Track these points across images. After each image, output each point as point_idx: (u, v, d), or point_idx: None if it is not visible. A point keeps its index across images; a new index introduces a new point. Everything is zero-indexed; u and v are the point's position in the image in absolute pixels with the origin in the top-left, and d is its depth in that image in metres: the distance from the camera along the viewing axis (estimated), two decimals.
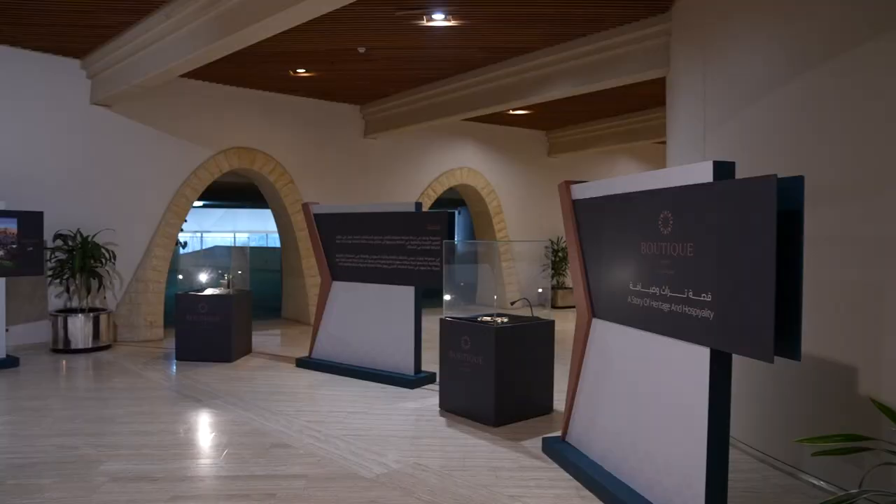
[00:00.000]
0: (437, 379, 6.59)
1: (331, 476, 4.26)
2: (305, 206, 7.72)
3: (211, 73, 9.08)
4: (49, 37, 7.95)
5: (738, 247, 2.99)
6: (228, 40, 6.39)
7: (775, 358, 2.85)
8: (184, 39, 6.93)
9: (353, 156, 11.73)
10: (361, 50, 8.16)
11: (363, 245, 7.20)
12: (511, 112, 11.75)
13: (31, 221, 7.73)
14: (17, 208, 7.81)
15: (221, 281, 8.23)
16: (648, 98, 10.63)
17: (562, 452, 4.54)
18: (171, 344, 8.86)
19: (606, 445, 4.15)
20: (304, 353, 8.02)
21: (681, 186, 3.41)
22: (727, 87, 5.22)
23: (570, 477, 4.31)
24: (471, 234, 14.62)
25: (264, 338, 9.53)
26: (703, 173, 3.24)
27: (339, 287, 7.49)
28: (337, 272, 7.50)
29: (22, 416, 5.62)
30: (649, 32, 6.99)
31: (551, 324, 5.83)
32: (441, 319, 5.83)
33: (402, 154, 12.34)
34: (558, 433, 5.06)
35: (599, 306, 4.37)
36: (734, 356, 3.20)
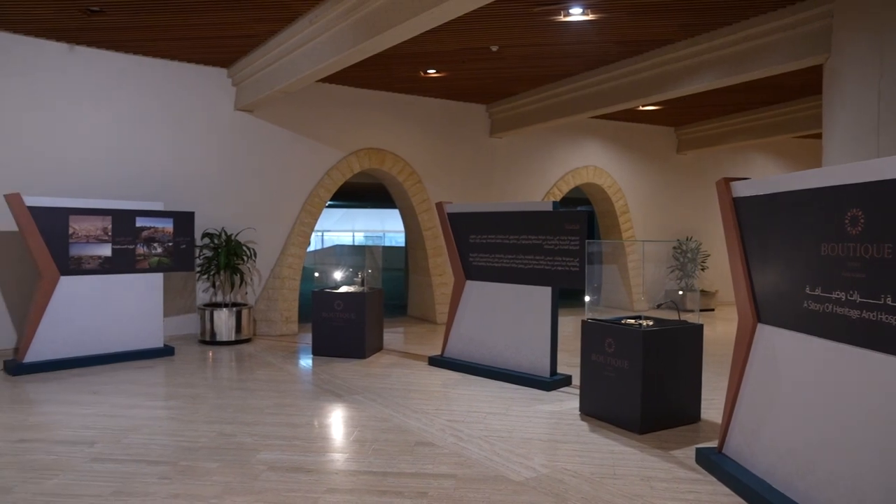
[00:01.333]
0: (575, 381, 6.46)
1: (479, 477, 4.21)
2: (439, 206, 7.77)
3: (344, 76, 9.35)
4: (200, 49, 8.47)
5: None
6: (368, 44, 6.52)
7: None
8: (325, 45, 7.15)
9: (479, 155, 11.73)
10: (494, 48, 8.12)
11: (498, 244, 7.15)
12: (640, 108, 11.35)
13: (183, 221, 8.25)
14: (172, 209, 8.35)
15: (355, 279, 8.44)
16: (792, 89, 9.94)
17: (719, 465, 4.27)
18: (305, 339, 9.21)
19: (775, 461, 3.85)
20: (433, 352, 8.08)
21: (876, 182, 3.09)
22: None
23: (731, 492, 4.04)
24: (595, 233, 14.27)
25: (391, 335, 9.69)
26: None
27: (472, 286, 7.47)
28: (471, 271, 7.49)
29: (181, 402, 5.98)
30: (806, 16, 6.51)
31: (700, 328, 5.53)
32: (583, 321, 5.67)
33: (528, 153, 12.22)
34: (710, 443, 4.80)
35: (766, 311, 4.07)
36: None
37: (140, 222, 7.88)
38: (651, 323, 5.51)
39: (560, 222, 6.57)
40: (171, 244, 8.12)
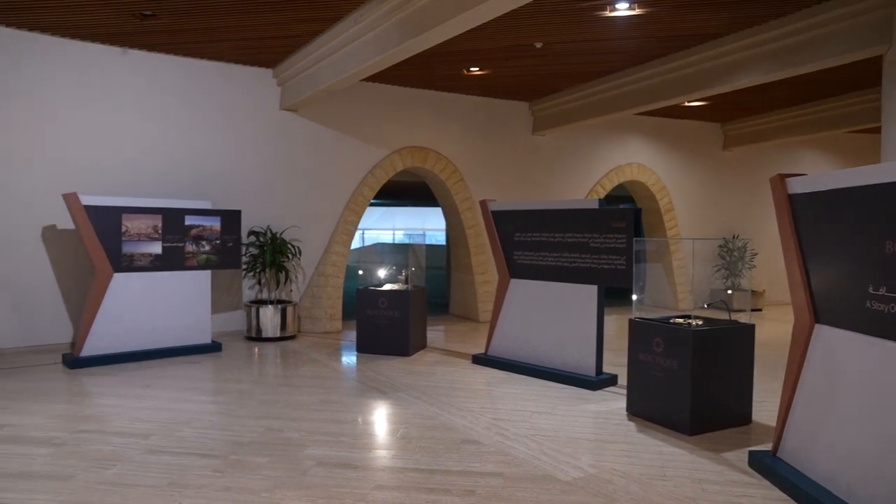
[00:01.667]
0: (621, 381, 6.38)
1: (527, 476, 4.19)
2: (483, 204, 7.75)
3: (387, 75, 9.38)
4: (246, 50, 8.61)
5: None
6: (412, 43, 6.54)
7: None
8: (369, 44, 7.19)
9: (522, 153, 11.68)
10: (538, 45, 8.06)
11: (543, 242, 7.10)
12: (686, 104, 11.14)
13: (231, 219, 8.40)
14: (220, 208, 8.51)
15: (399, 277, 8.48)
16: (844, 82, 9.64)
17: (774, 468, 4.17)
18: (349, 336, 9.29)
19: (834, 466, 3.74)
20: (476, 350, 8.07)
21: None
22: None
23: (786, 496, 3.94)
24: (639, 231, 14.07)
25: (434, 333, 9.70)
26: None
27: (517, 284, 7.44)
28: (515, 269, 7.45)
29: (229, 397, 6.09)
30: (865, 6, 6.29)
31: (751, 328, 5.41)
32: (630, 320, 5.60)
33: (571, 150, 12.12)
34: (763, 446, 4.69)
35: (824, 311, 3.95)
36: None
37: (189, 221, 8.05)
38: (700, 322, 5.41)
39: (606, 220, 6.50)
40: (218, 242, 8.28)
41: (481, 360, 7.61)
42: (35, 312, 8.08)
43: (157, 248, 7.81)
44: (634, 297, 5.86)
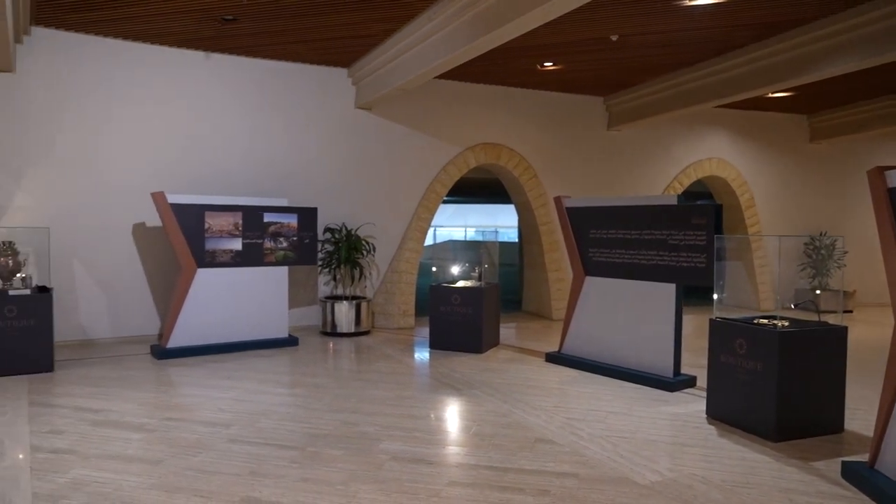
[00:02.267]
0: (700, 383, 6.17)
1: (602, 478, 4.11)
2: (558, 200, 7.65)
3: (460, 72, 9.36)
4: (321, 51, 8.78)
5: None
6: (486, 39, 6.51)
7: None
8: (443, 41, 7.21)
9: (596, 149, 11.47)
10: (614, 38, 7.89)
11: (619, 239, 6.95)
12: (770, 95, 10.67)
13: (307, 216, 8.59)
14: (296, 205, 8.72)
15: (472, 274, 8.47)
16: None
17: (871, 481, 3.93)
18: (422, 332, 9.35)
19: None
20: (549, 348, 7.99)
21: None
22: None
23: None
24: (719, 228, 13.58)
25: (506, 331, 9.65)
26: None
27: (592, 282, 7.31)
28: (590, 267, 7.32)
29: (306, 390, 6.24)
30: None
31: (843, 330, 5.12)
32: (711, 320, 5.40)
33: (648, 145, 11.82)
34: (857, 457, 4.43)
35: None
36: None
37: (267, 218, 8.29)
38: (786, 323, 5.17)
39: (686, 216, 6.29)
40: (295, 239, 8.48)
41: (555, 358, 7.52)
42: (126, 305, 8.50)
43: (237, 244, 8.07)
44: (715, 296, 5.65)
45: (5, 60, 7.36)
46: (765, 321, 5.24)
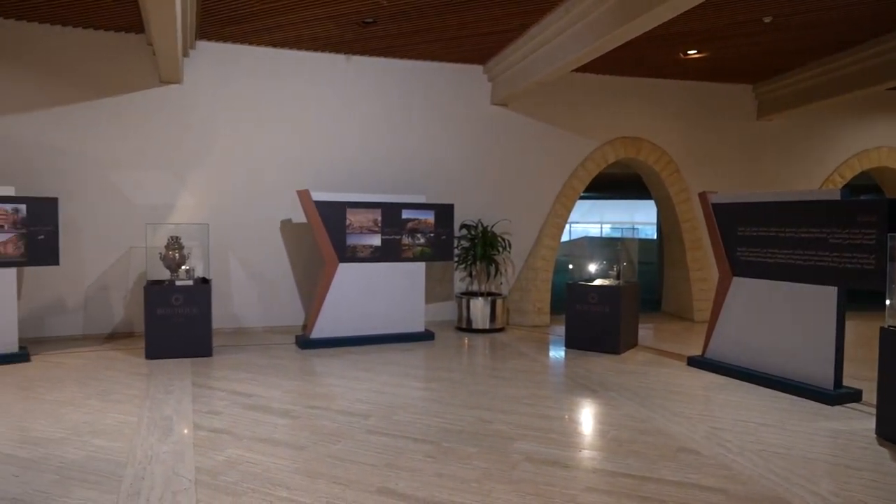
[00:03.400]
0: (866, 398, 5.60)
1: (754, 497, 3.81)
2: (703, 196, 7.23)
3: (597, 64, 9.10)
4: (458, 48, 8.86)
5: None
6: (627, 28, 6.28)
7: None
8: (581, 33, 7.03)
9: (744, 140, 10.76)
10: (767, 20, 7.33)
11: (772, 238, 6.45)
12: None
13: (444, 213, 8.71)
14: (433, 202, 8.86)
15: (610, 272, 8.22)
16: None
17: None
18: (556, 330, 9.21)
19: None
20: (691, 351, 7.59)
21: None
22: None
23: None
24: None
25: (644, 332, 9.28)
26: None
27: (740, 283, 6.84)
28: (738, 267, 6.86)
29: (441, 385, 6.32)
30: None
31: None
32: (882, 328, 4.87)
33: (803, 135, 10.93)
34: None
35: None
36: None
37: (405, 214, 8.48)
38: None
39: (852, 213, 5.71)
40: (432, 235, 8.62)
41: (697, 362, 7.13)
42: (274, 297, 9.05)
43: (376, 240, 8.32)
44: (888, 301, 5.09)
45: (175, 73, 8.06)
46: None
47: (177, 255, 7.52)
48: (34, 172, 7.90)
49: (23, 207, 6.97)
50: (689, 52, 8.84)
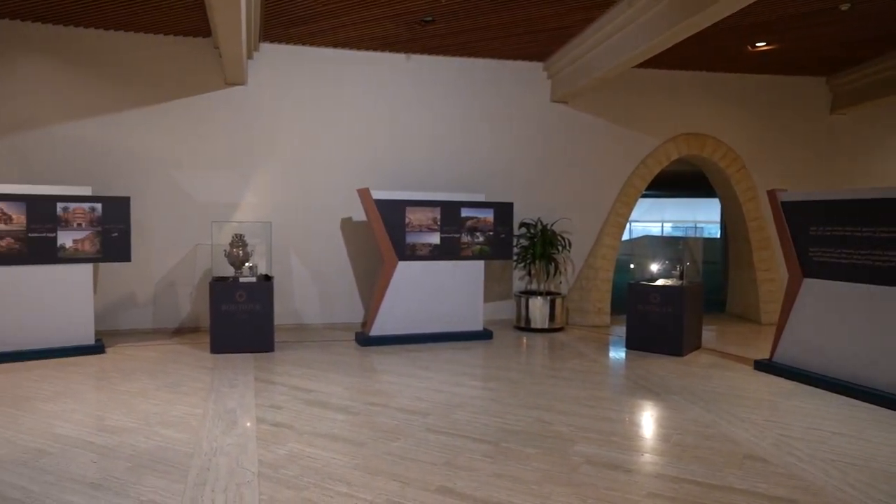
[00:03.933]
0: None
1: None
2: (772, 194, 6.97)
3: (659, 59, 8.84)
4: (517, 46, 8.80)
5: None
6: (693, 20, 6.11)
7: None
8: (643, 28, 6.87)
9: (816, 136, 10.34)
10: (845, 7, 7.01)
11: (847, 237, 6.16)
12: None
13: (503, 211, 8.65)
14: (492, 200, 8.82)
15: (673, 272, 8.02)
16: None
17: None
18: (617, 331, 9.04)
19: None
20: (758, 355, 7.33)
21: None
22: None
23: None
24: None
25: (708, 334, 9.01)
26: None
27: (811, 285, 6.57)
28: (810, 268, 6.59)
29: (500, 384, 6.28)
30: None
31: None
32: None
33: (882, 129, 10.43)
34: None
35: None
36: None
37: (464, 213, 8.46)
38: None
39: None
40: (491, 234, 8.58)
41: (765, 366, 6.88)
42: (334, 294, 9.18)
43: (435, 238, 8.34)
44: None
45: (239, 75, 8.27)
46: None
47: (241, 252, 7.71)
48: (108, 173, 8.24)
49: (98, 206, 7.28)
50: (758, 45, 8.53)
